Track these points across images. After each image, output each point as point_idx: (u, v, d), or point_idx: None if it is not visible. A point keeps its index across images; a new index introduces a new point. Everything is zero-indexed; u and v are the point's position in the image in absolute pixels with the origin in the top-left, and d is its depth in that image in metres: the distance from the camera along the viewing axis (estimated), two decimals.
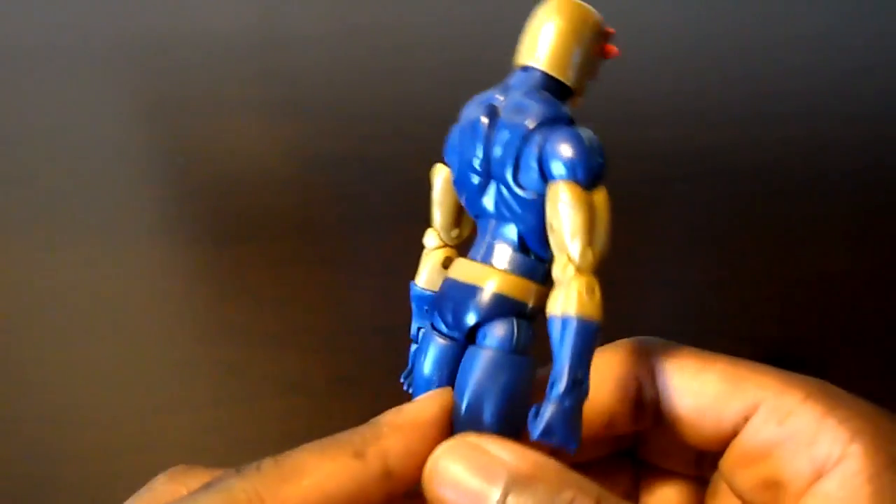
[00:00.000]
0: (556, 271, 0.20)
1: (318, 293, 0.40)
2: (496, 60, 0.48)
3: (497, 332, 0.21)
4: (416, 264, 0.28)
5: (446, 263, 0.23)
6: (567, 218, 0.21)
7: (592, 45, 0.23)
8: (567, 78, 0.22)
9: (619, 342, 0.24)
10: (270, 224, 0.42)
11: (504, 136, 0.21)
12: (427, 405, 0.21)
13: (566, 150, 0.21)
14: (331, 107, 0.43)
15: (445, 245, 0.24)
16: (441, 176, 0.24)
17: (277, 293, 0.40)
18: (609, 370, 0.24)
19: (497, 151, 0.21)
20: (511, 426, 0.21)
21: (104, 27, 0.46)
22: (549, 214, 0.21)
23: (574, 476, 0.20)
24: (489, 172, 0.22)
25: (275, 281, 0.41)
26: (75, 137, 0.45)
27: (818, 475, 0.20)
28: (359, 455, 0.20)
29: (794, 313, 0.41)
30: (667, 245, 0.42)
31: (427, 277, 0.24)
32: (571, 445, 0.20)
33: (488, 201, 0.22)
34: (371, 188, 0.41)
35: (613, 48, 0.23)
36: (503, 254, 0.22)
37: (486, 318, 0.21)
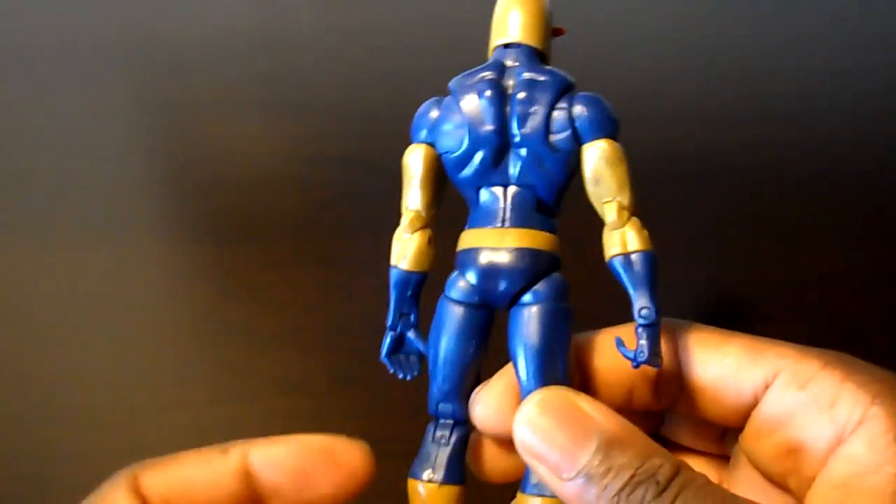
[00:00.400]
0: (611, 217, 0.24)
1: (318, 293, 0.40)
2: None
3: (549, 286, 0.24)
4: None
5: (430, 242, 0.24)
6: (615, 170, 0.24)
7: (550, 19, 0.26)
8: (545, 48, 0.25)
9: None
10: (270, 224, 0.42)
11: (528, 106, 0.23)
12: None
13: (598, 112, 0.24)
14: (331, 107, 0.43)
15: (425, 225, 0.24)
16: (421, 155, 0.24)
17: (277, 293, 0.40)
18: (631, 343, 0.24)
19: (524, 120, 0.23)
20: (570, 372, 0.23)
21: (104, 27, 0.46)
22: (593, 169, 0.24)
23: (657, 444, 0.21)
24: (508, 141, 0.23)
25: (275, 281, 0.41)
26: (75, 137, 0.45)
27: (839, 438, 0.21)
28: (224, 451, 0.23)
29: (794, 313, 0.41)
30: (667, 245, 0.42)
31: (414, 259, 0.24)
32: (660, 363, 0.22)
33: (510, 168, 0.24)
34: (371, 188, 0.41)
35: (563, 28, 0.26)
36: (527, 215, 0.24)
37: (538, 277, 0.23)
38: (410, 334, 0.25)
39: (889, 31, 0.43)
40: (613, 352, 0.23)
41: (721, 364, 0.23)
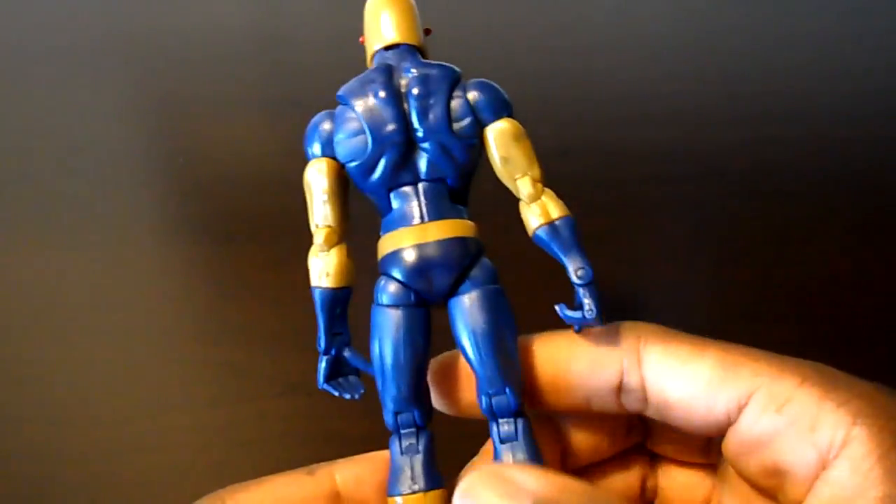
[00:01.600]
0: (527, 190, 0.24)
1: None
2: (496, 60, 0.49)
3: (482, 271, 0.24)
4: None
5: (349, 256, 0.24)
6: (521, 146, 0.24)
7: (419, 16, 0.26)
8: (422, 45, 0.26)
9: (609, 325, 0.24)
10: (270, 224, 0.42)
11: (425, 99, 0.24)
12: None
13: (494, 94, 0.24)
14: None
15: (341, 240, 0.24)
16: (324, 169, 0.24)
17: (277, 293, 0.40)
18: (586, 349, 0.23)
19: (424, 114, 0.24)
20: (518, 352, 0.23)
21: (104, 27, 0.46)
22: (501, 147, 0.24)
23: (600, 497, 0.20)
24: (412, 138, 0.24)
25: (275, 281, 0.41)
26: (75, 137, 0.45)
27: (823, 461, 0.20)
28: (310, 472, 0.23)
29: (794, 313, 0.41)
30: (667, 245, 0.42)
31: (337, 275, 0.24)
32: (602, 322, 0.23)
33: (418, 164, 0.24)
34: None
35: (430, 28, 0.26)
36: (443, 207, 0.24)
37: (470, 264, 0.24)
38: (346, 353, 0.24)
39: (889, 31, 0.43)
40: (566, 359, 0.23)
41: (690, 382, 0.22)
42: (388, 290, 0.24)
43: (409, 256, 0.23)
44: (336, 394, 0.24)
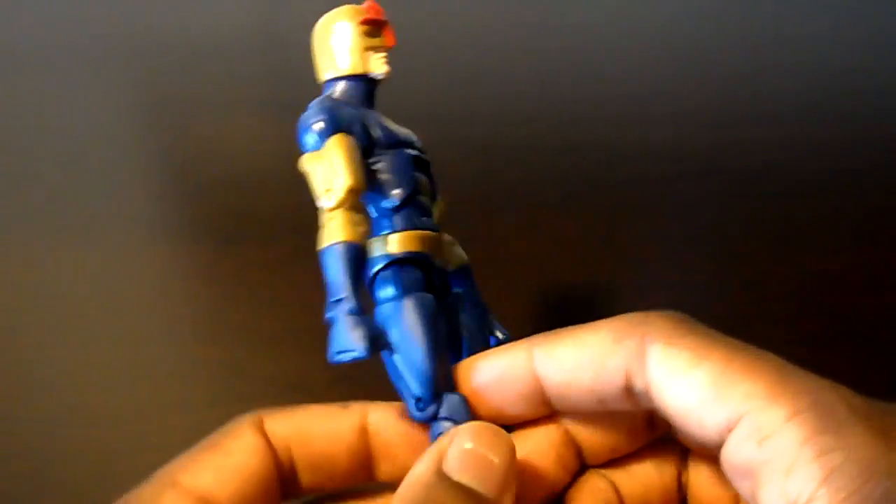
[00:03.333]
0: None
1: (318, 293, 0.40)
2: (495, 60, 0.49)
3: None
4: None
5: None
6: (310, 179, 0.25)
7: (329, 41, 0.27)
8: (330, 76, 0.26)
9: (613, 318, 0.23)
10: (270, 224, 0.42)
11: None
12: None
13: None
14: None
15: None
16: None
17: (277, 293, 0.40)
18: (592, 353, 0.23)
19: None
20: None
21: (104, 27, 0.46)
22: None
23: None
24: None
25: (275, 281, 0.41)
26: (75, 137, 0.45)
27: None
28: (344, 406, 0.25)
29: (794, 313, 0.41)
30: (667, 245, 0.42)
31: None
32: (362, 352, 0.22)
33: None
34: None
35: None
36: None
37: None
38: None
39: (889, 31, 0.43)
40: (573, 367, 0.23)
41: (687, 394, 0.21)
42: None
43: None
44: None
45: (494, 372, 0.24)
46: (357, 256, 0.24)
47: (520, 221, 0.42)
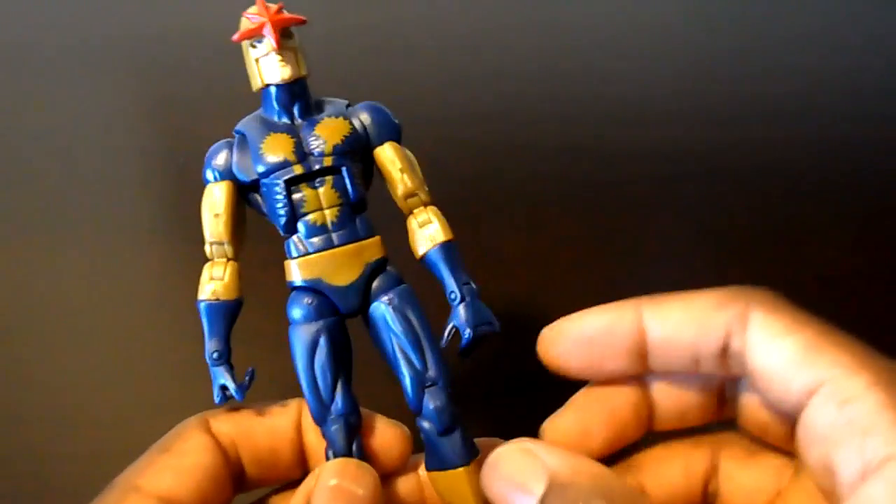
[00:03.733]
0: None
1: None
2: (495, 60, 0.49)
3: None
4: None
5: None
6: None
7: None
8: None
9: (721, 287, 0.24)
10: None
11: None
12: None
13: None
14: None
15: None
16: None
17: (277, 293, 0.40)
18: (697, 312, 0.24)
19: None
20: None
21: (104, 27, 0.46)
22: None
23: (609, 482, 0.22)
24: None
25: (275, 281, 0.41)
26: (75, 137, 0.45)
27: (864, 473, 0.19)
28: (283, 404, 0.27)
29: None
30: (667, 245, 0.42)
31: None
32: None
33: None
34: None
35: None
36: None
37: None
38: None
39: (889, 31, 0.43)
40: (679, 320, 0.24)
41: (777, 357, 0.22)
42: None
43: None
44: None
45: (600, 325, 0.25)
46: (210, 314, 0.28)
47: (520, 221, 0.42)
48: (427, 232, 0.26)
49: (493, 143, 0.43)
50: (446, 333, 0.26)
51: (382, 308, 0.26)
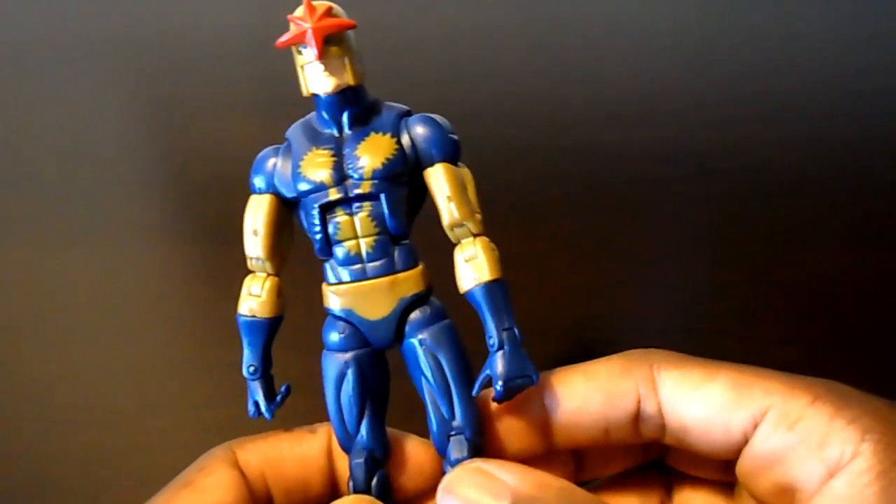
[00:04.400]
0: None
1: (318, 293, 0.40)
2: (495, 60, 0.48)
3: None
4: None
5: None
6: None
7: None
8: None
9: (619, 354, 0.24)
10: None
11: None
12: None
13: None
14: None
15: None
16: None
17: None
18: (603, 381, 0.24)
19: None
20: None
21: (104, 27, 0.46)
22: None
23: (575, 495, 0.21)
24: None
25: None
26: (75, 137, 0.45)
27: (830, 476, 0.20)
28: (312, 430, 0.26)
29: (793, 313, 0.41)
30: (667, 245, 0.42)
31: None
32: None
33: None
34: None
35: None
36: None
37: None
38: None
39: (889, 31, 0.43)
40: (583, 393, 0.24)
41: (706, 404, 0.23)
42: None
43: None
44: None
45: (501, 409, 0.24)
46: (246, 330, 0.27)
47: (520, 221, 0.42)
48: (472, 268, 0.24)
49: (493, 143, 0.43)
50: (479, 382, 0.24)
51: (415, 346, 0.24)
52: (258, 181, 0.27)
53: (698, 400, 0.23)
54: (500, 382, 0.23)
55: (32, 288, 0.42)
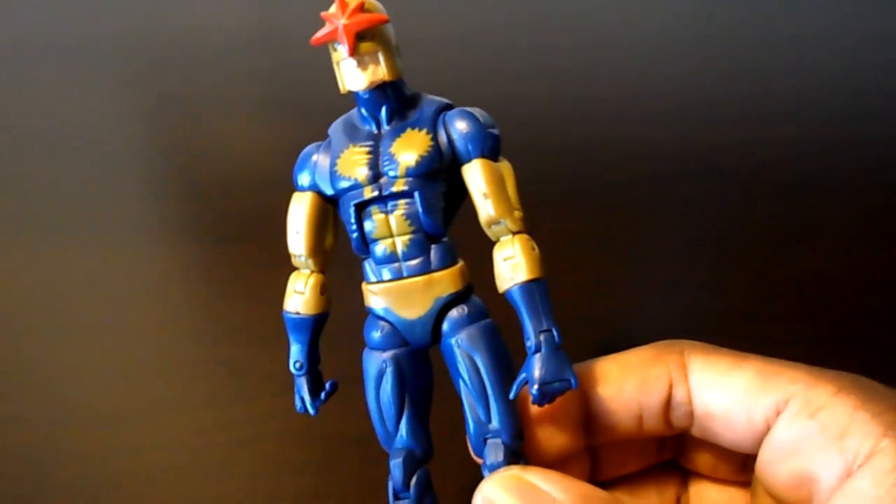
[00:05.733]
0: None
1: None
2: (496, 60, 0.49)
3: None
4: None
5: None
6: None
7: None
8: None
9: (651, 344, 0.24)
10: (270, 224, 0.42)
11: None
12: None
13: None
14: (330, 107, 0.43)
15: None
16: None
17: (277, 293, 0.40)
18: (636, 367, 0.24)
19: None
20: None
21: (104, 27, 0.46)
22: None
23: (618, 500, 0.21)
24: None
25: (274, 281, 0.41)
26: (75, 137, 0.45)
27: (849, 471, 0.20)
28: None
29: (794, 313, 0.41)
30: (667, 245, 0.42)
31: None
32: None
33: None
34: None
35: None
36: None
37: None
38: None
39: (889, 31, 0.43)
40: (618, 379, 0.24)
41: (731, 390, 0.23)
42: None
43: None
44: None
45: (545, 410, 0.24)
46: (292, 326, 0.27)
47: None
48: (509, 267, 0.23)
49: None
50: (516, 385, 0.23)
51: (452, 346, 0.24)
52: (301, 178, 0.26)
53: (724, 385, 0.23)
54: (535, 386, 0.22)
55: (32, 287, 0.42)
